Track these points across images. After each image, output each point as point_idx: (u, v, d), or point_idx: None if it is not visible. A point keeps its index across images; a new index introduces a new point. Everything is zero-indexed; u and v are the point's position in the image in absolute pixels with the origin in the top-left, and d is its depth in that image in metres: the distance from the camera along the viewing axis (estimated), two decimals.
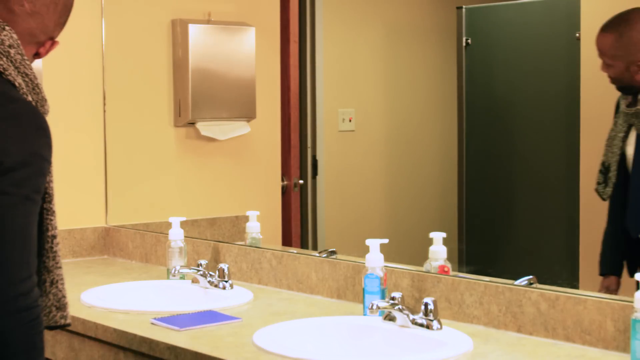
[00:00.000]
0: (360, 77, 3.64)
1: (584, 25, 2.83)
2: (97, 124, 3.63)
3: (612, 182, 2.63)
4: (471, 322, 2.44)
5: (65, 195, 3.52)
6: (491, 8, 3.27)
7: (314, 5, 3.53)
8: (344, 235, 3.53)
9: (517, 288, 2.35)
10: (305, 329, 2.40)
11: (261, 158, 3.65)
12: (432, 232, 2.60)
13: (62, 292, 1.96)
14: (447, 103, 3.35)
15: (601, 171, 2.66)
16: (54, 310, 1.95)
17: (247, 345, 2.26)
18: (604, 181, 2.65)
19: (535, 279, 2.44)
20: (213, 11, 3.55)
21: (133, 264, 3.51)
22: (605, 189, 2.64)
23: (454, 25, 3.27)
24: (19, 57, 1.85)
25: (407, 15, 3.64)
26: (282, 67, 3.57)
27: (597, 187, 2.66)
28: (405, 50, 3.57)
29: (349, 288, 2.75)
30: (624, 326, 2.12)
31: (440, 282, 2.51)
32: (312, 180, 3.54)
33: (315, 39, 3.54)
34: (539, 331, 2.29)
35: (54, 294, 1.94)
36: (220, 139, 3.60)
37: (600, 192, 2.65)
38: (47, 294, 1.93)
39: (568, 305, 2.23)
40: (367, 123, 3.62)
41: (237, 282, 3.05)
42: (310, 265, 2.87)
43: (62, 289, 1.95)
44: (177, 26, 3.53)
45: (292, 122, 3.56)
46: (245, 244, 3.18)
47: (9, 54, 1.83)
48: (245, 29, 3.52)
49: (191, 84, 3.51)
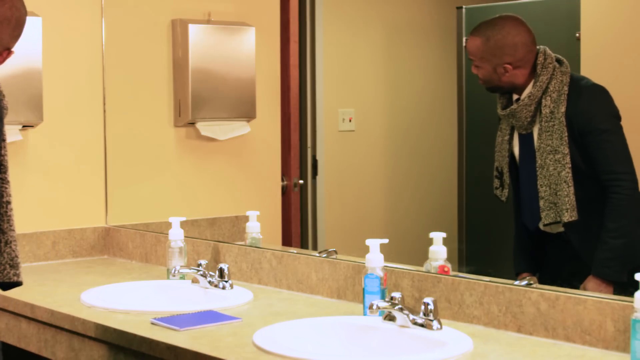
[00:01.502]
0: (360, 77, 3.64)
1: (584, 25, 2.83)
2: (97, 124, 3.63)
3: (506, 183, 2.78)
4: (471, 322, 2.44)
5: (65, 195, 3.53)
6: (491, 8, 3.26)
7: (314, 5, 3.53)
8: (344, 235, 3.53)
9: (517, 288, 2.35)
10: (305, 329, 2.40)
11: (261, 158, 3.65)
12: (432, 232, 2.60)
13: (15, 253, 2.27)
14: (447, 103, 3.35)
15: (496, 176, 2.80)
16: (7, 268, 2.25)
17: (247, 345, 2.26)
18: (500, 185, 2.80)
19: (535, 279, 2.45)
20: (213, 11, 3.55)
21: (133, 264, 3.51)
22: (502, 192, 2.79)
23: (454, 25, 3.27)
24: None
25: (407, 15, 3.64)
26: (282, 67, 3.57)
27: (495, 191, 2.81)
28: (405, 50, 3.57)
29: (349, 288, 2.75)
30: (624, 326, 2.12)
31: (440, 282, 2.51)
32: (312, 180, 3.54)
33: (315, 39, 3.53)
34: (539, 331, 2.29)
35: (8, 253, 2.26)
36: (220, 139, 3.60)
37: (498, 195, 2.79)
38: (2, 252, 2.23)
39: (568, 305, 2.23)
40: (367, 123, 3.62)
41: (237, 282, 3.05)
42: (310, 265, 2.87)
43: (15, 250, 2.27)
44: (177, 26, 3.53)
45: (292, 122, 3.56)
46: (245, 244, 3.18)
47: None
48: (245, 29, 3.52)
49: (191, 84, 3.51)
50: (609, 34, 2.89)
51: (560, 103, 2.63)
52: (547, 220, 2.62)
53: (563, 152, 2.59)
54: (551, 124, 2.63)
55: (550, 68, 2.67)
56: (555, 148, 2.61)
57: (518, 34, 2.76)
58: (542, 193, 2.63)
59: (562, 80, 2.65)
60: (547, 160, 2.62)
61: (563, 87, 2.65)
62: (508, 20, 2.79)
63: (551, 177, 2.61)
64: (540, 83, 2.66)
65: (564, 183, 2.59)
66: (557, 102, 2.64)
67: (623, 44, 2.84)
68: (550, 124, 2.63)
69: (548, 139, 2.62)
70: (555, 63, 2.68)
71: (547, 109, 2.64)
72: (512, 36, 2.76)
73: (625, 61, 2.82)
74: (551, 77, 2.66)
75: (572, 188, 2.58)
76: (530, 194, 2.68)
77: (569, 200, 2.57)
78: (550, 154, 2.61)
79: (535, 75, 2.68)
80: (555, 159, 2.60)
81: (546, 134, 2.63)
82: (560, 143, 2.60)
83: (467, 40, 2.82)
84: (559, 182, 2.60)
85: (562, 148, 2.59)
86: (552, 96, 2.64)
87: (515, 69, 2.72)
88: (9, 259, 2.25)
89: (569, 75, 2.67)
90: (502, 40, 2.76)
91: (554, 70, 2.67)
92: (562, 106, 2.62)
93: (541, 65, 2.69)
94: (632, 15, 2.85)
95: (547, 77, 2.66)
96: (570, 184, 2.58)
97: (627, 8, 2.87)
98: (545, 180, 2.63)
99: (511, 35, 2.77)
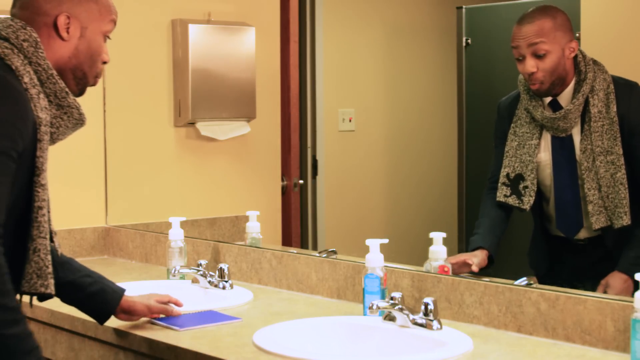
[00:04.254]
0: (360, 77, 3.64)
1: (584, 25, 2.83)
2: (97, 124, 3.63)
3: (532, 190, 2.64)
4: (471, 322, 2.44)
5: (65, 195, 3.53)
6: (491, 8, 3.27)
7: (314, 5, 3.53)
8: (344, 235, 3.54)
9: (517, 288, 2.35)
10: (305, 329, 2.40)
11: (261, 158, 3.65)
12: (432, 232, 2.60)
13: (45, 262, 2.01)
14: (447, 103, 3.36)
15: (505, 184, 2.68)
16: (34, 278, 2.00)
17: (247, 345, 2.26)
18: (514, 192, 2.66)
19: (535, 279, 2.45)
20: (213, 11, 3.55)
21: (133, 264, 3.51)
22: (523, 200, 2.65)
23: (454, 25, 3.27)
24: (32, 49, 2.04)
25: (407, 15, 3.64)
26: (282, 67, 3.57)
27: (506, 199, 2.67)
28: (405, 50, 3.58)
29: (349, 288, 2.75)
30: (624, 326, 2.12)
31: (440, 282, 2.51)
32: (312, 180, 3.54)
33: (315, 39, 3.54)
34: (539, 331, 2.29)
35: (36, 262, 2.00)
36: (220, 139, 3.60)
37: (516, 204, 2.65)
38: (29, 261, 2.00)
39: (568, 305, 2.23)
40: (367, 123, 3.62)
41: (237, 282, 3.05)
42: (310, 265, 2.87)
43: (44, 259, 2.01)
44: (177, 26, 3.53)
45: (292, 122, 3.57)
46: (245, 244, 3.18)
47: (22, 45, 2.03)
48: (245, 29, 3.52)
49: (191, 84, 3.51)
50: (609, 34, 2.89)
51: (610, 102, 2.54)
52: (598, 225, 2.53)
53: (618, 152, 2.51)
54: (600, 124, 2.54)
55: (591, 65, 2.58)
56: (607, 149, 2.52)
57: (566, 16, 2.63)
58: (590, 197, 2.53)
59: (606, 79, 2.57)
60: (597, 162, 2.53)
61: (609, 85, 2.56)
62: (550, 5, 2.66)
63: (602, 179, 2.52)
64: (589, 80, 2.56)
65: (620, 185, 2.50)
66: (605, 101, 2.55)
67: (623, 44, 2.85)
68: (600, 123, 2.54)
69: (598, 139, 2.53)
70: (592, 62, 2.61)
71: (596, 108, 2.55)
72: (566, 16, 2.63)
73: (625, 61, 2.82)
74: (595, 75, 2.57)
75: (627, 190, 2.49)
76: (570, 200, 2.61)
77: (626, 203, 2.49)
78: (601, 155, 2.52)
79: (579, 73, 2.58)
80: (609, 160, 2.51)
81: (595, 134, 2.54)
82: (614, 144, 2.51)
83: (525, 25, 2.59)
84: (612, 184, 2.51)
85: (617, 149, 2.51)
86: (599, 95, 2.55)
87: (572, 54, 2.59)
88: (36, 269, 2.00)
89: (609, 74, 2.59)
90: (564, 17, 2.62)
91: (594, 68, 2.59)
92: (612, 105, 2.53)
93: (583, 62, 2.59)
94: (632, 15, 2.85)
95: (592, 74, 2.56)
96: (626, 185, 2.49)
97: (627, 8, 2.88)
98: (594, 184, 2.53)
99: (566, 15, 2.63)
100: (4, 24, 2.06)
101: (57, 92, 2.07)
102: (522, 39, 2.59)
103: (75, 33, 2.13)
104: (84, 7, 2.14)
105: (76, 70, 2.14)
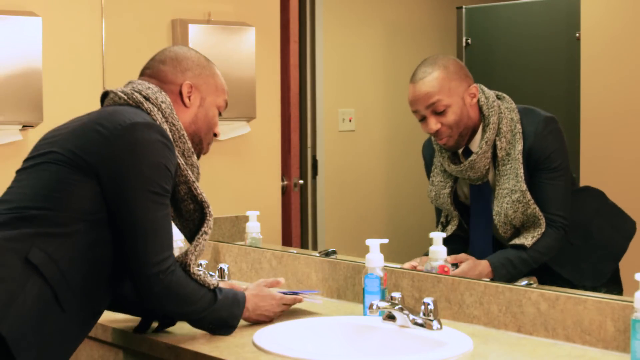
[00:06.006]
0: (360, 77, 3.64)
1: (584, 25, 2.83)
2: None
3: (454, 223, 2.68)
4: (471, 322, 2.44)
5: None
6: (491, 8, 3.27)
7: (314, 5, 3.53)
8: (344, 235, 3.54)
9: (517, 288, 2.35)
10: (305, 329, 2.40)
11: (261, 158, 3.65)
12: (432, 232, 2.60)
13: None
14: None
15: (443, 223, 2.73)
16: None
17: (247, 345, 2.26)
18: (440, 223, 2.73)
19: (535, 279, 2.45)
20: (213, 11, 3.55)
21: None
22: (446, 229, 2.70)
23: (454, 25, 3.27)
24: (169, 111, 2.29)
25: (407, 15, 3.64)
26: (282, 67, 3.57)
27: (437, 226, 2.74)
28: (405, 50, 3.58)
29: (349, 288, 2.75)
30: (624, 326, 2.12)
31: (440, 282, 2.51)
32: (312, 180, 3.54)
33: (315, 39, 3.54)
34: (539, 331, 2.29)
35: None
36: (220, 139, 3.60)
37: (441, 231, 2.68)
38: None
39: (568, 305, 2.23)
40: (367, 123, 3.62)
41: (237, 282, 3.05)
42: (310, 265, 2.87)
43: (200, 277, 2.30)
44: (177, 26, 3.53)
45: (292, 122, 3.56)
46: (245, 244, 3.18)
47: (160, 106, 2.29)
48: (245, 29, 3.52)
49: None
50: (609, 34, 2.89)
51: (516, 141, 2.50)
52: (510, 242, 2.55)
53: (521, 189, 2.47)
54: (509, 166, 2.51)
55: (495, 106, 2.53)
56: (511, 188, 2.49)
57: (459, 63, 2.62)
58: (502, 240, 2.57)
59: (513, 118, 2.52)
60: (504, 205, 2.50)
61: (516, 124, 2.51)
62: (439, 55, 2.64)
63: (513, 220, 2.50)
64: (492, 125, 2.51)
65: (534, 217, 2.49)
66: (512, 141, 2.51)
67: (623, 44, 2.85)
68: (508, 166, 2.51)
69: (505, 182, 2.50)
70: (497, 100, 2.55)
71: (503, 151, 2.52)
72: (457, 63, 2.61)
73: (625, 61, 2.82)
74: (500, 117, 2.52)
75: (543, 218, 2.49)
76: (483, 247, 2.62)
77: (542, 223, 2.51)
78: (507, 196, 2.50)
79: (483, 118, 2.53)
80: (514, 199, 2.48)
81: (503, 177, 2.51)
82: (516, 181, 2.48)
83: (417, 86, 2.55)
84: (526, 220, 2.50)
85: (520, 185, 2.48)
86: (506, 137, 2.51)
87: (474, 99, 2.56)
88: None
89: (516, 111, 2.53)
90: (455, 64, 2.59)
91: (499, 108, 2.53)
92: (518, 144, 2.50)
93: (485, 105, 2.54)
94: (632, 15, 2.85)
95: (495, 117, 2.52)
96: (540, 215, 2.48)
97: (627, 8, 2.88)
98: (507, 227, 2.53)
99: (457, 61, 2.62)
100: (142, 85, 2.35)
101: (185, 150, 2.29)
102: (419, 101, 2.56)
103: (196, 102, 2.36)
104: (204, 80, 2.39)
105: (194, 135, 2.36)
